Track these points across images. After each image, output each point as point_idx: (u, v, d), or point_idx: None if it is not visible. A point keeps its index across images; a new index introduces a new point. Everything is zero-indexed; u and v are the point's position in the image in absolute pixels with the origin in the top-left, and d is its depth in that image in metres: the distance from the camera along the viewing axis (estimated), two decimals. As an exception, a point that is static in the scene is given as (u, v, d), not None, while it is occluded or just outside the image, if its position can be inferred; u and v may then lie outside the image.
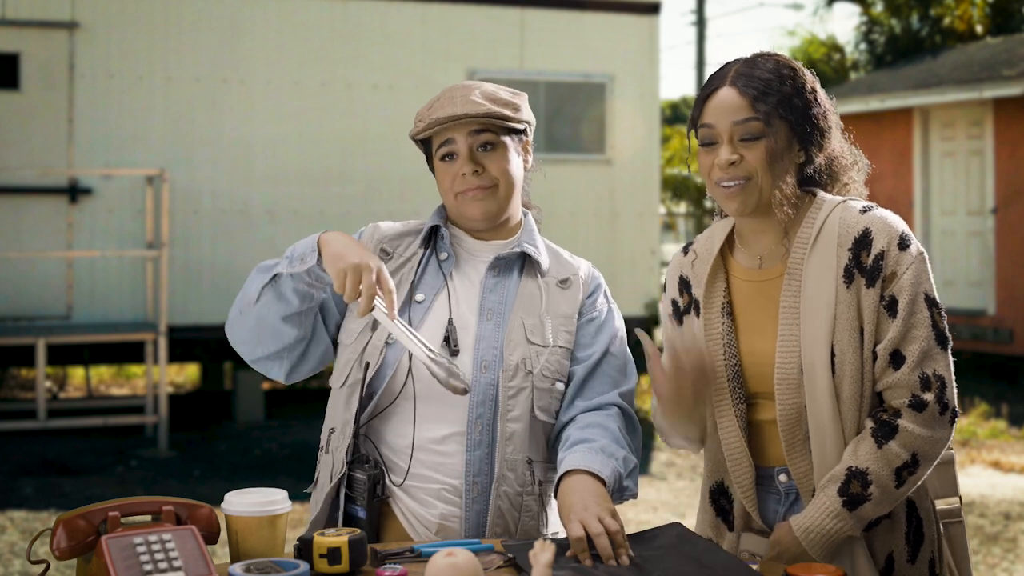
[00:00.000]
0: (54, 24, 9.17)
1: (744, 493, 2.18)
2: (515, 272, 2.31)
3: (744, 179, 2.11)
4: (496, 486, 2.17)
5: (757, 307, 2.19)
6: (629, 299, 10.33)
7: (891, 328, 2.07)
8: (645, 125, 10.55)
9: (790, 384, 2.10)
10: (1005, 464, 8.01)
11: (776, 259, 2.19)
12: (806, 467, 2.12)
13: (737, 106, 2.11)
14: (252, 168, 9.62)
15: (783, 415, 2.11)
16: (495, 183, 2.27)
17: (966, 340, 12.27)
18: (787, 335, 2.11)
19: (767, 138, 2.10)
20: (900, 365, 2.06)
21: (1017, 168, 12.01)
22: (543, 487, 2.23)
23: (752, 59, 2.18)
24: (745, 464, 2.17)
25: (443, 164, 2.29)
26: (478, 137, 2.26)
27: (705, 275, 2.24)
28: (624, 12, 10.59)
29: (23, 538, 6.10)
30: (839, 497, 2.05)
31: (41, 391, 8.37)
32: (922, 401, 2.05)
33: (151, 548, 1.79)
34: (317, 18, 9.78)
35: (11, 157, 9.05)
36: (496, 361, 2.21)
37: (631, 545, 1.98)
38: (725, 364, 2.17)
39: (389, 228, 2.40)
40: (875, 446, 2.05)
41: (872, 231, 2.11)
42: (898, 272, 2.08)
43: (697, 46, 25.49)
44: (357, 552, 1.91)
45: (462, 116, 2.24)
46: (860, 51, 20.18)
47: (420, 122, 2.30)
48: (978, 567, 5.73)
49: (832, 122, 2.20)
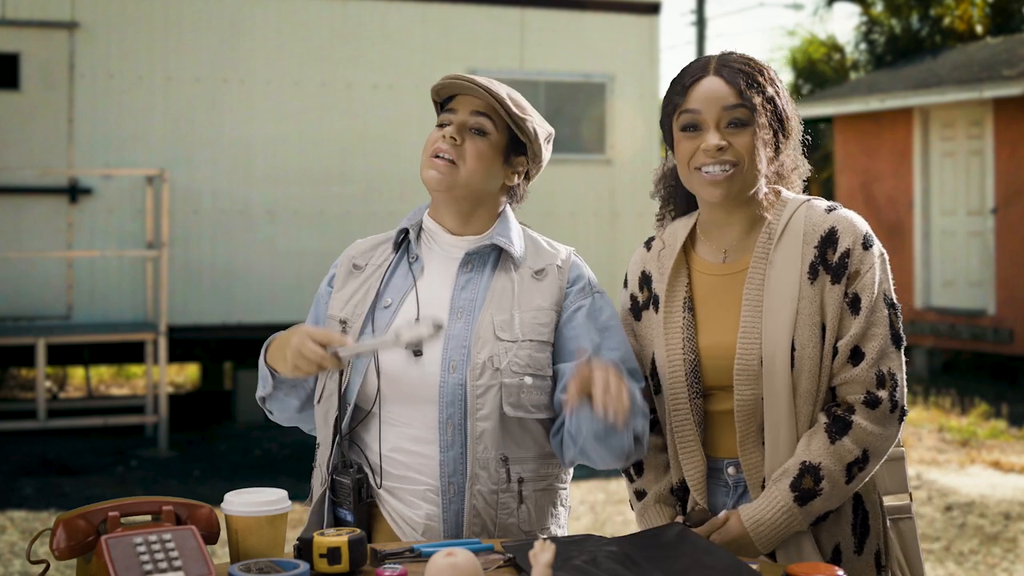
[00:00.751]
0: (54, 24, 9.17)
1: (695, 486, 2.21)
2: (488, 267, 2.30)
3: (731, 165, 2.14)
4: (470, 485, 2.17)
5: (718, 301, 2.22)
6: (629, 299, 10.33)
7: (853, 325, 2.12)
8: (645, 125, 10.55)
9: (749, 375, 2.13)
10: (1005, 464, 8.01)
11: (741, 253, 2.22)
12: (757, 459, 2.15)
13: (725, 93, 2.14)
14: (252, 168, 9.62)
15: (740, 406, 2.14)
16: (461, 161, 2.26)
17: (966, 340, 12.27)
18: (748, 327, 2.15)
19: (753, 126, 2.14)
20: (859, 361, 2.11)
21: (1017, 168, 12.01)
22: (523, 484, 2.22)
23: (729, 55, 2.21)
24: (698, 457, 2.20)
25: (437, 128, 2.31)
26: (476, 117, 2.27)
27: (668, 270, 2.26)
28: (624, 12, 10.59)
29: (23, 538, 6.10)
30: (791, 492, 2.09)
31: (41, 391, 8.37)
32: (876, 398, 2.10)
33: (151, 548, 1.79)
34: (317, 18, 9.78)
35: (11, 157, 9.05)
36: (464, 360, 2.20)
37: (631, 545, 1.99)
38: (684, 359, 2.20)
39: (364, 242, 2.43)
40: (828, 441, 2.09)
41: (838, 230, 2.15)
42: (861, 271, 2.13)
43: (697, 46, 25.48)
44: (357, 552, 1.91)
45: (475, 84, 2.24)
46: (860, 51, 20.18)
47: (435, 85, 2.33)
48: (978, 567, 5.74)
49: (795, 125, 2.24)
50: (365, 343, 2.15)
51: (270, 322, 8.90)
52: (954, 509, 6.80)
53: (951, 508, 6.82)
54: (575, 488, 7.39)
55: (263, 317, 9.30)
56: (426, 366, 2.21)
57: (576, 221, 10.42)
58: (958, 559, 5.87)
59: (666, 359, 2.21)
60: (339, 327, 2.29)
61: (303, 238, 9.55)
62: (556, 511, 2.30)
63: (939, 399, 10.57)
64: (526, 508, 2.22)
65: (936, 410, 10.14)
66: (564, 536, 2.18)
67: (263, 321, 9.24)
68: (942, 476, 7.65)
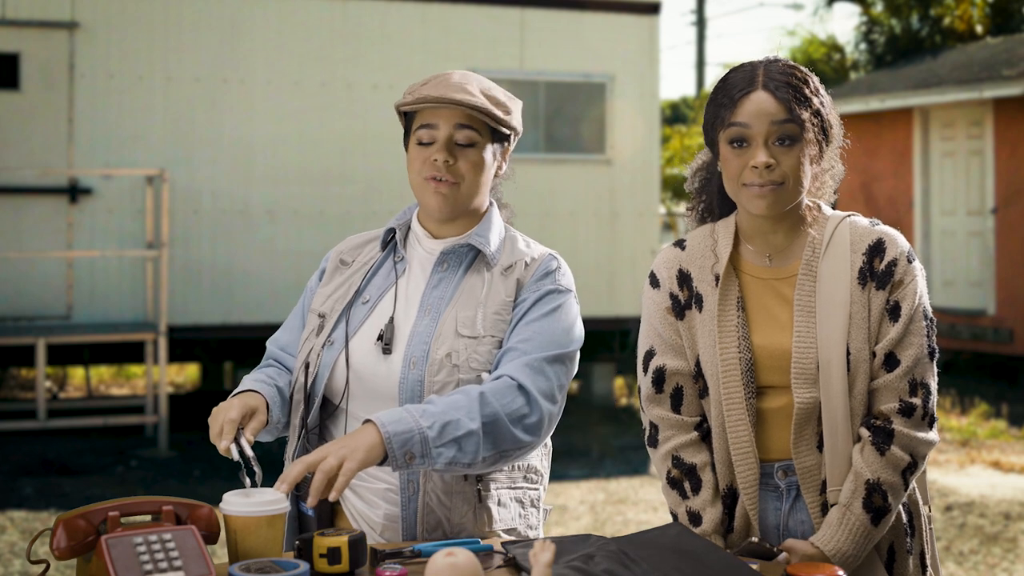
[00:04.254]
0: (54, 24, 9.17)
1: (747, 491, 2.19)
2: (463, 266, 2.29)
3: (777, 184, 2.14)
4: (423, 483, 2.18)
5: (768, 303, 2.23)
6: (629, 299, 10.33)
7: (891, 331, 2.16)
8: (645, 125, 10.54)
9: (807, 379, 2.15)
10: (1005, 464, 8.01)
11: (786, 258, 2.23)
12: (812, 462, 2.17)
13: (774, 109, 2.13)
14: (252, 168, 9.61)
15: (799, 408, 2.15)
16: (460, 180, 2.26)
17: (966, 340, 12.27)
18: (803, 332, 2.17)
19: (801, 143, 2.14)
20: (893, 368, 2.15)
21: (1017, 168, 12.00)
22: (482, 483, 2.21)
23: (777, 64, 2.20)
24: (751, 459, 2.18)
25: (419, 146, 2.28)
26: (461, 131, 2.25)
27: (709, 270, 2.25)
28: (624, 12, 10.59)
29: (23, 538, 6.10)
30: (866, 513, 2.11)
31: (41, 391, 8.37)
32: (910, 406, 2.15)
33: (151, 548, 1.78)
34: (317, 18, 9.78)
35: (11, 157, 9.05)
36: (423, 357, 2.20)
37: (631, 545, 1.98)
38: (739, 357, 2.19)
39: (356, 238, 2.45)
40: (878, 453, 2.12)
41: (885, 241, 2.20)
42: (905, 280, 2.18)
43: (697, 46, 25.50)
44: (357, 552, 1.91)
45: (453, 101, 2.21)
46: (860, 51, 20.17)
47: (410, 95, 2.29)
48: (978, 567, 5.74)
49: (836, 132, 2.24)
50: (244, 452, 2.13)
51: (270, 322, 8.90)
52: (954, 509, 6.80)
53: (951, 508, 6.82)
54: (575, 488, 7.39)
55: (263, 317, 9.29)
56: (392, 364, 2.21)
57: (576, 221, 10.42)
58: (958, 559, 5.87)
59: (720, 358, 2.20)
60: (318, 321, 2.31)
61: (303, 238, 9.55)
62: (525, 512, 2.28)
63: (939, 399, 10.55)
64: (485, 508, 2.21)
65: (936, 410, 10.13)
66: (564, 536, 2.18)
67: (263, 321, 9.23)
68: (942, 476, 7.65)
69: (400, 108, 2.30)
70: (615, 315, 10.37)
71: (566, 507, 6.92)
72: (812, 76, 2.21)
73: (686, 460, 2.23)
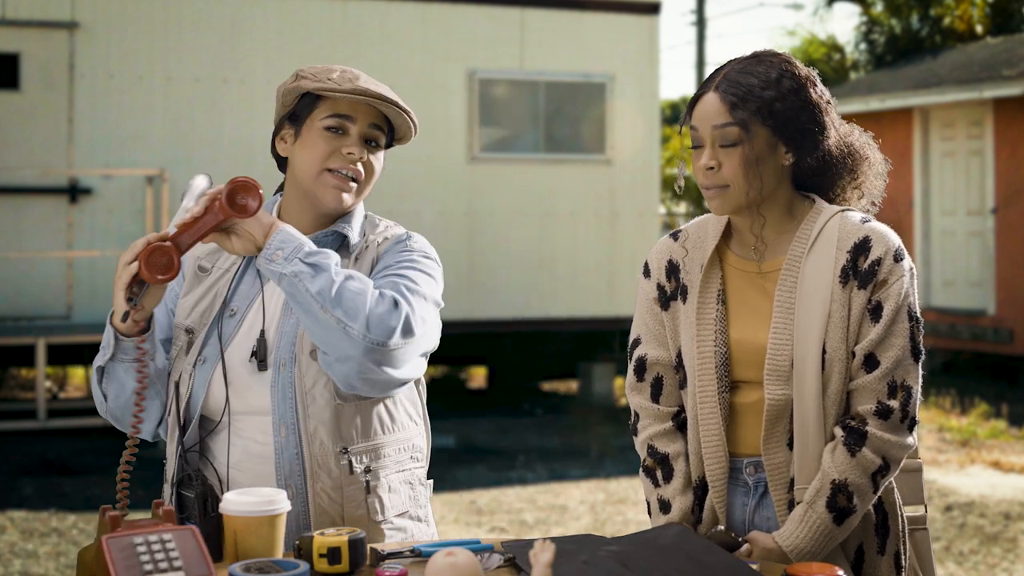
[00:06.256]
0: (54, 24, 9.17)
1: (715, 484, 2.20)
2: None
3: (721, 187, 2.14)
4: (312, 484, 2.15)
5: (750, 297, 2.22)
6: (629, 299, 10.33)
7: (872, 332, 2.13)
8: (645, 125, 10.54)
9: (780, 375, 2.14)
10: (1005, 464, 8.01)
11: (773, 254, 2.22)
12: (781, 459, 2.16)
13: (716, 111, 2.13)
14: (252, 168, 9.52)
15: (770, 405, 2.14)
16: (361, 178, 2.24)
17: (966, 340, 12.28)
18: (780, 328, 2.15)
19: (744, 144, 2.12)
20: (872, 369, 2.13)
21: (1017, 168, 12.01)
22: (370, 473, 2.18)
23: (744, 60, 2.19)
24: (720, 453, 2.19)
25: (327, 133, 2.22)
26: (373, 130, 2.24)
27: (698, 261, 2.26)
28: (624, 12, 10.59)
29: (23, 538, 6.10)
30: (828, 513, 2.09)
31: (41, 391, 8.37)
32: (888, 408, 2.11)
33: (151, 548, 1.78)
34: (317, 18, 9.78)
35: (11, 157, 9.05)
36: (291, 357, 2.16)
37: (631, 545, 1.98)
38: (715, 351, 2.19)
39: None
40: (848, 454, 2.10)
41: (872, 239, 2.16)
42: (889, 280, 2.14)
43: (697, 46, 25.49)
44: (357, 552, 1.91)
45: (391, 101, 2.22)
46: (860, 51, 20.19)
47: (324, 81, 2.22)
48: (978, 567, 5.74)
49: (828, 122, 2.20)
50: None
51: (270, 322, 8.89)
52: (954, 509, 6.80)
53: (951, 508, 6.82)
54: (575, 488, 7.39)
55: (263, 317, 9.29)
56: (267, 375, 2.17)
57: (576, 221, 10.42)
58: (958, 559, 5.87)
59: (696, 350, 2.21)
60: (186, 338, 2.22)
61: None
62: (414, 492, 2.27)
63: (939, 399, 10.57)
64: (378, 497, 2.19)
65: (936, 410, 10.14)
66: (564, 536, 2.18)
67: (263, 321, 9.23)
68: (942, 476, 7.65)
69: (311, 92, 2.25)
70: (615, 315, 10.38)
71: (566, 507, 6.92)
72: (793, 67, 2.16)
73: (660, 449, 2.25)
